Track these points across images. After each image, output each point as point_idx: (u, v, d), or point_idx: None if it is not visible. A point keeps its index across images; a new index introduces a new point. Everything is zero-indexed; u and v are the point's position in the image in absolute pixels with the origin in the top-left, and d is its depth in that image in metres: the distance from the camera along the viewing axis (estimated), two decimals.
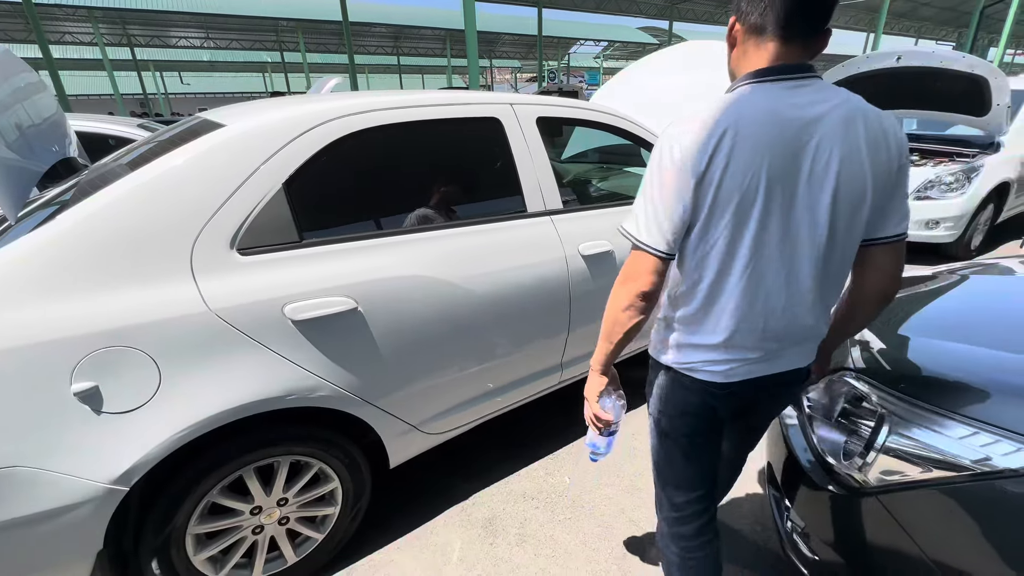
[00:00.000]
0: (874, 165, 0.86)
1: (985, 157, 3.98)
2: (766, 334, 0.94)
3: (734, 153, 0.83)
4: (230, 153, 1.27)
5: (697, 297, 0.95)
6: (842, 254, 0.91)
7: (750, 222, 0.87)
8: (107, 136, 3.45)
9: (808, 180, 0.85)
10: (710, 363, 0.98)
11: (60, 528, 1.07)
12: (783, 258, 0.89)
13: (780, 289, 0.91)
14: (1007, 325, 1.19)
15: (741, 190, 0.85)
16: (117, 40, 25.85)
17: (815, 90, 0.86)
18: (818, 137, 0.84)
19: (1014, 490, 0.79)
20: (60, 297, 1.06)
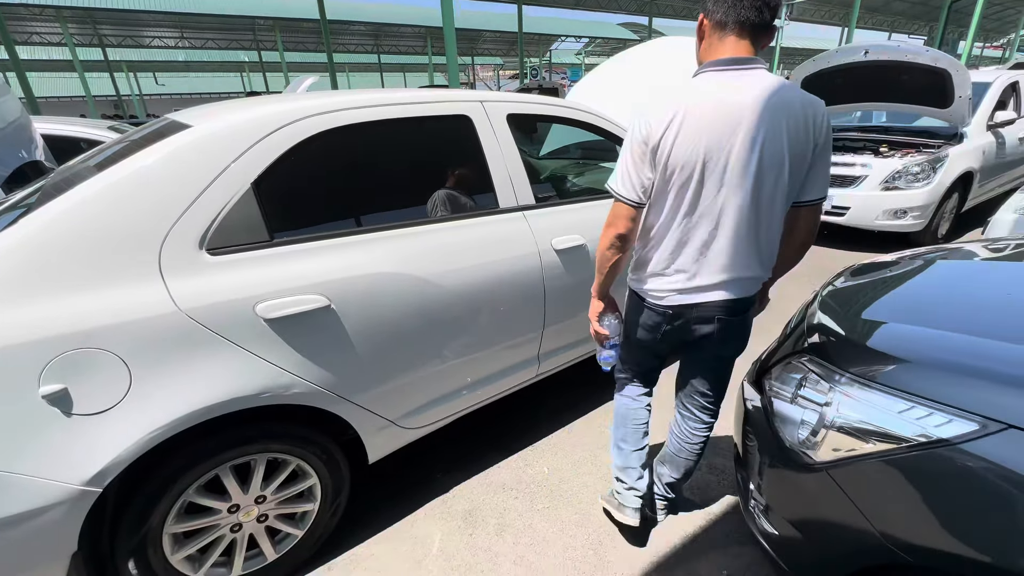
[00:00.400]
0: (793, 145, 1.10)
1: (949, 148, 4.11)
2: (697, 269, 1.22)
3: (681, 130, 1.10)
4: (197, 153, 1.27)
5: (651, 239, 1.27)
6: (766, 212, 1.16)
7: (691, 183, 1.14)
8: (79, 139, 3.39)
9: (737, 152, 1.10)
10: (656, 289, 1.30)
11: (32, 531, 1.07)
12: (714, 212, 1.16)
13: (710, 237, 1.18)
14: (957, 306, 1.25)
15: (685, 158, 1.11)
16: (88, 40, 25.18)
17: (756, 79, 1.10)
18: (748, 119, 1.08)
19: (947, 458, 0.84)
20: (27, 299, 1.06)
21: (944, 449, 0.84)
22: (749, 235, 1.17)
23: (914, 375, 0.94)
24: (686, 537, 1.63)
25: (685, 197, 1.16)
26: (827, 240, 4.72)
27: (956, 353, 0.96)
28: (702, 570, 1.52)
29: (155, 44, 28.70)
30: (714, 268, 1.21)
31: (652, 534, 1.65)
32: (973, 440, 0.82)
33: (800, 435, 1.10)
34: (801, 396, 1.15)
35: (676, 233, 1.21)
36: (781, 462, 1.15)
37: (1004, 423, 0.79)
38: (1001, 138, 4.52)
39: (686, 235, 1.20)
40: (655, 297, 1.31)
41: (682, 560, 1.55)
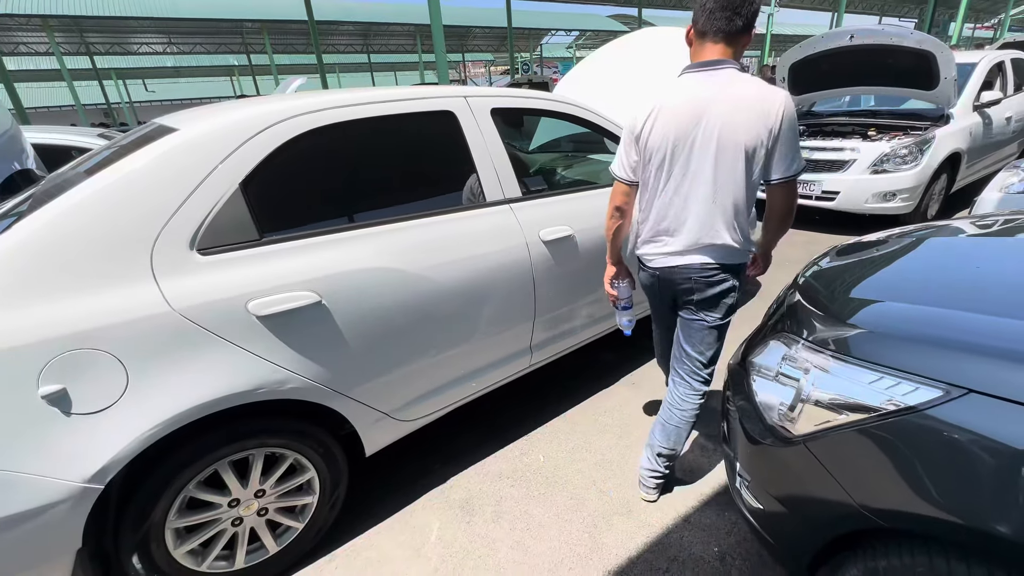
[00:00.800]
0: (747, 132, 1.29)
1: (936, 129, 4.14)
2: (673, 237, 1.46)
3: (657, 121, 1.37)
4: (185, 156, 1.30)
5: (642, 211, 1.53)
6: (726, 189, 1.36)
7: (664, 165, 1.40)
8: (69, 147, 3.40)
9: (699, 140, 1.34)
10: (647, 254, 1.55)
11: (36, 529, 1.10)
12: (683, 190, 1.40)
13: (681, 209, 1.42)
14: (929, 281, 1.28)
15: (657, 144, 1.38)
16: (75, 49, 25.01)
17: (723, 77, 1.32)
18: (710, 111, 1.31)
19: (914, 424, 0.88)
20: (23, 303, 1.08)
21: (912, 416, 0.88)
22: (712, 208, 1.39)
23: (883, 347, 0.98)
24: (678, 517, 1.67)
25: (661, 176, 1.42)
26: (818, 225, 4.75)
27: (922, 324, 0.99)
28: (694, 548, 1.56)
29: (143, 51, 28.52)
30: (688, 235, 1.44)
31: (645, 514, 1.69)
32: (937, 406, 0.85)
33: (779, 411, 1.14)
34: (780, 373, 1.18)
35: (658, 205, 1.46)
36: (763, 438, 1.18)
37: (965, 388, 0.83)
38: (988, 118, 4.55)
39: (665, 207, 1.45)
40: (647, 260, 1.57)
41: (675, 539, 1.59)
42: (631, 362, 2.63)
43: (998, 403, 0.80)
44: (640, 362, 2.62)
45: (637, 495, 1.77)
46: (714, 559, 1.52)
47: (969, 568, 0.83)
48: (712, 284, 1.48)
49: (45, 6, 19.12)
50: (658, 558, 1.53)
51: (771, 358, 1.26)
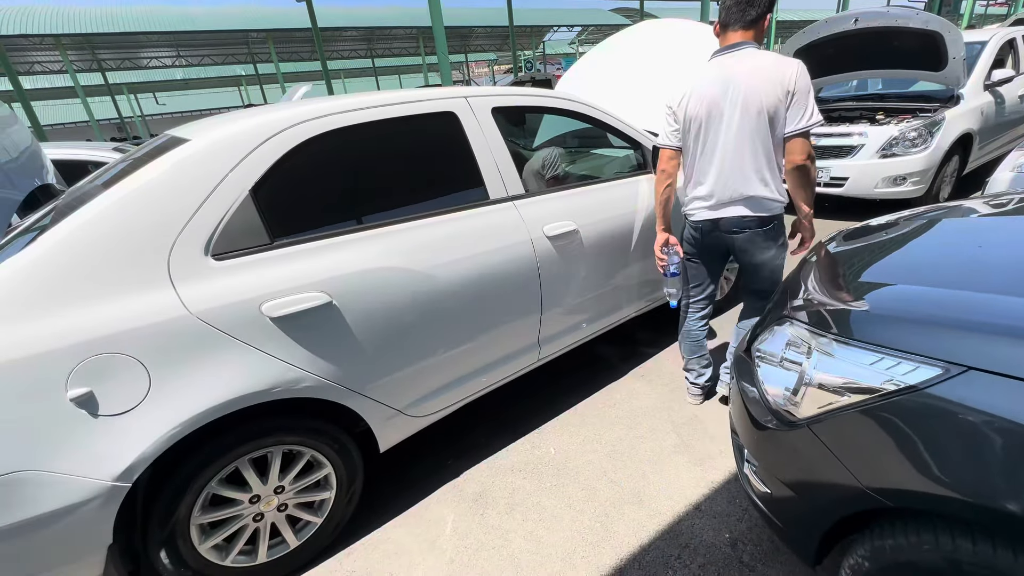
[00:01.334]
0: (767, 95, 1.58)
1: (946, 111, 4.07)
2: (712, 193, 1.75)
3: (692, 96, 1.71)
4: (197, 166, 1.35)
5: (686, 173, 1.85)
6: (752, 145, 1.64)
7: (700, 132, 1.72)
8: (86, 162, 3.50)
9: (727, 107, 1.64)
10: (692, 210, 1.85)
11: (71, 525, 1.16)
12: (717, 151, 1.70)
13: (717, 168, 1.71)
14: (931, 262, 1.28)
15: (694, 116, 1.71)
16: (88, 66, 25.56)
17: (744, 55, 1.64)
18: (735, 81, 1.62)
19: (915, 403, 0.88)
20: (50, 312, 1.14)
21: (912, 395, 0.89)
22: (742, 163, 1.67)
23: (882, 327, 0.98)
24: (689, 505, 1.68)
25: (699, 142, 1.73)
26: (828, 212, 4.70)
27: (921, 304, 1.00)
28: (706, 535, 1.57)
29: (153, 64, 29.03)
30: (724, 190, 1.72)
31: (656, 502, 1.71)
32: (937, 384, 0.86)
33: (783, 395, 1.15)
34: (784, 358, 1.20)
35: (697, 167, 1.77)
36: (769, 423, 1.19)
37: (964, 365, 0.83)
38: (1000, 97, 4.46)
39: (704, 168, 1.75)
40: (691, 214, 1.87)
41: (686, 527, 1.61)
42: (639, 355, 2.64)
43: (997, 379, 0.81)
44: (648, 355, 2.63)
45: (648, 485, 1.79)
46: (725, 545, 1.53)
47: (974, 544, 0.84)
48: (751, 233, 1.76)
49: (58, 25, 19.57)
50: (669, 545, 1.55)
51: (775, 344, 1.27)
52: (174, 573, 1.37)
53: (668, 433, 2.04)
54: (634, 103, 2.83)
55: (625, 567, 1.50)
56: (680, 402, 2.22)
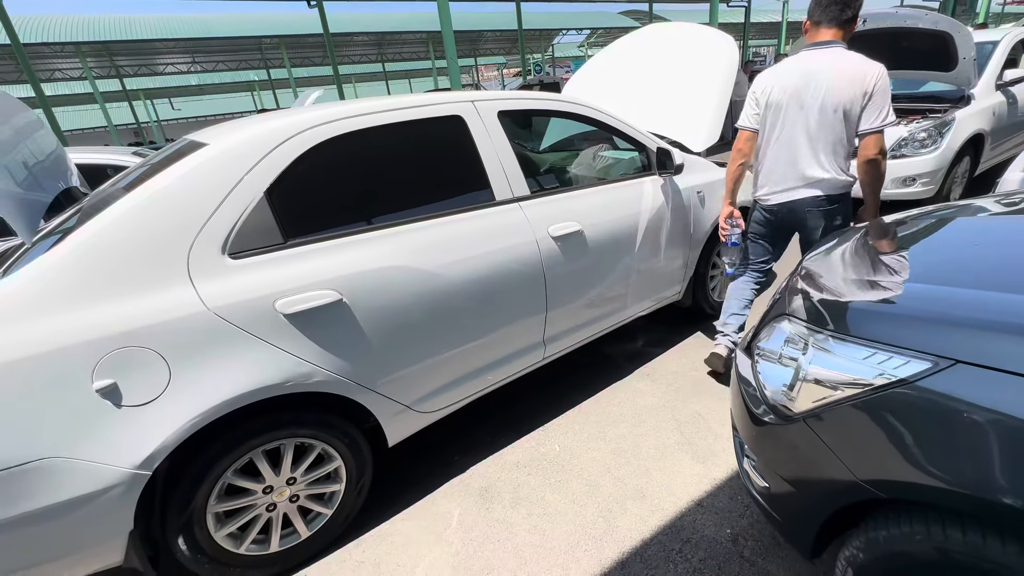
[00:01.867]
0: (846, 92, 1.76)
1: (956, 111, 4.04)
2: (784, 176, 1.96)
3: (775, 84, 1.91)
4: (214, 169, 1.41)
5: (759, 158, 2.05)
6: (826, 136, 1.84)
7: (779, 120, 1.92)
8: (105, 166, 3.61)
9: (807, 100, 1.83)
10: (764, 193, 2.07)
11: (95, 511, 1.22)
12: (794, 140, 1.90)
13: (791, 154, 1.92)
14: (927, 259, 1.30)
15: (775, 104, 1.91)
16: (106, 72, 26.16)
17: (830, 52, 1.81)
18: (818, 77, 1.80)
19: (906, 395, 0.91)
20: (75, 307, 1.20)
21: (903, 388, 0.91)
22: (814, 151, 1.87)
23: (875, 323, 1.01)
24: (691, 501, 1.71)
25: (775, 130, 1.94)
26: None
27: (912, 300, 1.02)
28: (707, 530, 1.60)
29: (169, 70, 29.64)
30: (797, 175, 1.93)
31: (658, 498, 1.73)
32: (927, 377, 0.88)
33: (780, 390, 1.17)
34: (783, 355, 1.22)
35: (771, 153, 1.98)
36: (767, 418, 1.22)
37: (952, 359, 0.86)
38: (1012, 97, 4.41)
39: (778, 153, 1.96)
40: (764, 200, 2.07)
41: (688, 522, 1.63)
42: (643, 355, 2.67)
43: (984, 372, 0.83)
44: (652, 355, 2.65)
45: (651, 481, 1.82)
46: (727, 540, 1.55)
47: (964, 534, 0.86)
48: (822, 210, 1.96)
49: (78, 33, 20.08)
50: (671, 540, 1.58)
51: (775, 341, 1.29)
52: (191, 559, 1.43)
53: (671, 431, 2.07)
54: (641, 106, 2.86)
55: (627, 560, 1.53)
56: (684, 400, 2.25)
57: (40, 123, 2.18)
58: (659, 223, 2.38)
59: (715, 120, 2.63)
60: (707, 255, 2.71)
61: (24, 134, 1.91)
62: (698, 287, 2.76)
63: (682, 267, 2.61)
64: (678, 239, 2.50)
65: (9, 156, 1.61)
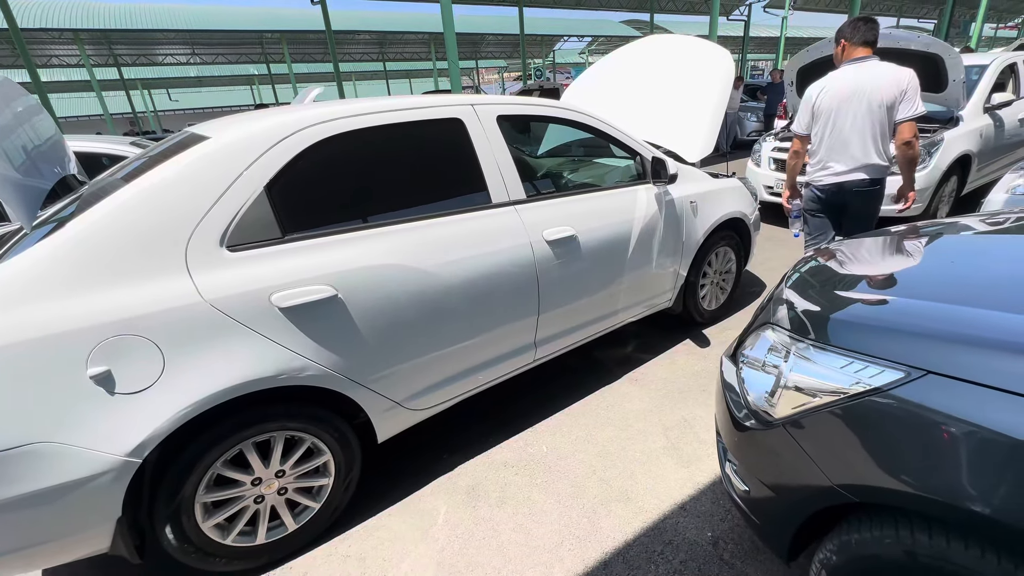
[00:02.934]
0: (888, 92, 2.27)
1: (945, 132, 4.14)
2: (838, 163, 2.45)
3: (824, 95, 2.43)
4: (215, 162, 1.43)
5: (812, 150, 2.56)
6: (873, 131, 2.34)
7: (830, 121, 2.41)
8: (101, 155, 3.60)
9: (855, 102, 2.33)
10: (818, 178, 2.55)
11: (84, 497, 1.23)
12: (844, 134, 2.39)
13: (844, 145, 2.40)
14: (907, 274, 1.35)
15: (826, 108, 2.41)
16: (104, 60, 25.95)
17: (870, 66, 2.34)
18: (862, 86, 2.30)
19: (879, 403, 0.95)
20: (73, 294, 1.21)
21: (877, 396, 0.95)
22: (862, 140, 2.38)
23: (853, 333, 1.05)
24: (674, 504, 1.74)
25: (828, 127, 2.44)
26: None
27: (888, 313, 1.06)
28: (689, 533, 1.63)
29: (168, 61, 29.44)
30: (849, 161, 2.43)
31: (642, 501, 1.76)
32: (900, 386, 0.92)
33: (762, 396, 1.21)
34: (765, 363, 1.26)
35: (826, 145, 2.48)
36: (748, 423, 1.25)
37: (924, 369, 0.90)
38: (999, 120, 4.52)
39: (833, 145, 2.45)
40: (817, 182, 2.57)
41: (670, 524, 1.66)
42: (633, 360, 2.70)
43: (954, 383, 0.87)
44: (641, 361, 2.69)
45: (636, 484, 1.85)
46: (707, 543, 1.58)
47: (930, 537, 0.89)
48: (864, 191, 2.47)
49: (77, 20, 19.92)
50: (654, 541, 1.60)
51: (758, 349, 1.33)
52: (178, 549, 1.44)
53: (658, 435, 2.10)
54: (638, 115, 2.91)
55: (610, 560, 1.55)
56: (671, 406, 2.28)
57: (39, 107, 2.19)
58: (652, 231, 2.42)
59: (710, 131, 2.69)
60: (698, 264, 2.76)
61: (24, 119, 1.92)
62: (688, 295, 2.80)
63: (673, 275, 2.65)
64: (670, 247, 2.54)
65: (9, 141, 1.61)
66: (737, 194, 2.93)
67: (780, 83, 8.78)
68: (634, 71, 3.30)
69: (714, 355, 2.70)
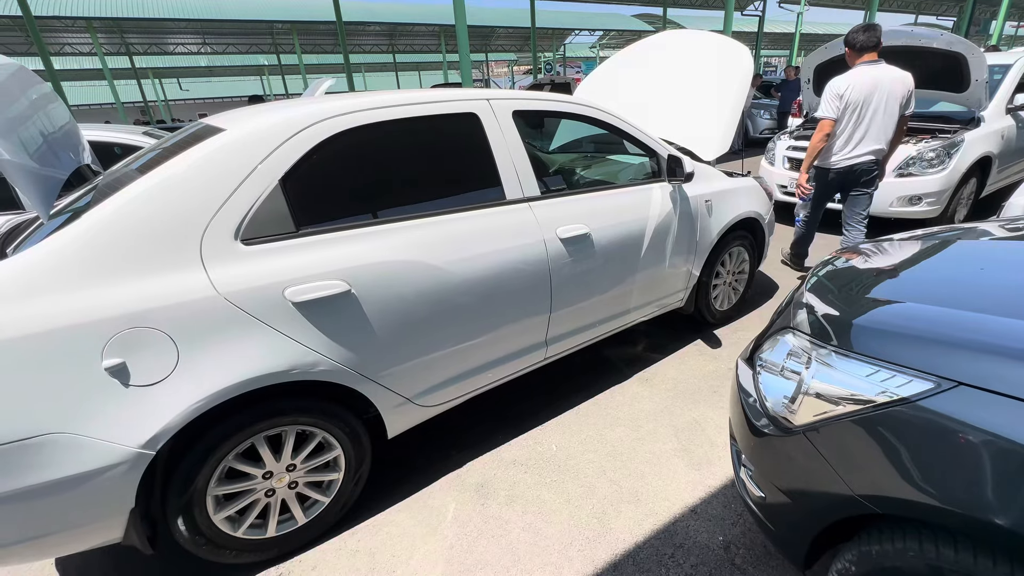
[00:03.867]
0: (900, 91, 2.86)
1: (965, 132, 4.05)
2: (857, 148, 2.99)
3: (852, 90, 2.88)
4: (231, 155, 1.42)
5: (837, 135, 3.03)
6: (885, 121, 2.91)
7: (856, 112, 2.92)
8: (113, 144, 3.60)
9: (876, 97, 2.87)
10: (835, 160, 3.09)
11: (98, 488, 1.23)
12: (864, 123, 2.94)
13: (864, 132, 2.96)
14: (933, 281, 1.31)
15: (854, 100, 2.89)
16: (116, 49, 26.05)
17: (882, 67, 2.89)
18: (880, 84, 2.84)
19: (907, 414, 0.92)
20: (88, 285, 1.21)
21: (904, 407, 0.92)
22: (879, 132, 2.93)
23: (880, 341, 1.02)
24: (685, 507, 1.72)
25: (853, 117, 2.93)
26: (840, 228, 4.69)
27: (917, 321, 1.04)
28: (700, 537, 1.61)
29: (179, 51, 29.50)
30: (865, 146, 2.97)
31: (653, 503, 1.75)
32: (929, 397, 0.89)
33: (781, 402, 1.19)
34: (785, 367, 1.23)
35: (846, 133, 2.99)
36: (766, 429, 1.23)
37: (955, 380, 0.87)
38: (1021, 121, 4.43)
39: (854, 133, 2.97)
40: (834, 164, 3.09)
41: (681, 528, 1.65)
42: (643, 360, 2.68)
43: (986, 395, 0.85)
44: (652, 360, 2.67)
45: (646, 485, 1.83)
46: (719, 547, 1.57)
47: (956, 552, 0.87)
48: (872, 170, 3.06)
49: (90, 9, 19.99)
50: (664, 544, 1.59)
51: (777, 354, 1.31)
52: (189, 540, 1.45)
53: (668, 437, 2.08)
54: (654, 112, 2.87)
55: (620, 562, 1.54)
56: (682, 407, 2.26)
57: (54, 95, 2.18)
58: (666, 230, 2.39)
59: (728, 130, 2.64)
60: (711, 264, 2.73)
61: (39, 107, 1.92)
62: (701, 295, 2.77)
63: (686, 275, 2.62)
64: (683, 247, 2.51)
65: (26, 130, 1.61)
66: (753, 194, 2.89)
67: (795, 80, 8.64)
68: (650, 67, 3.25)
69: (725, 356, 2.67)
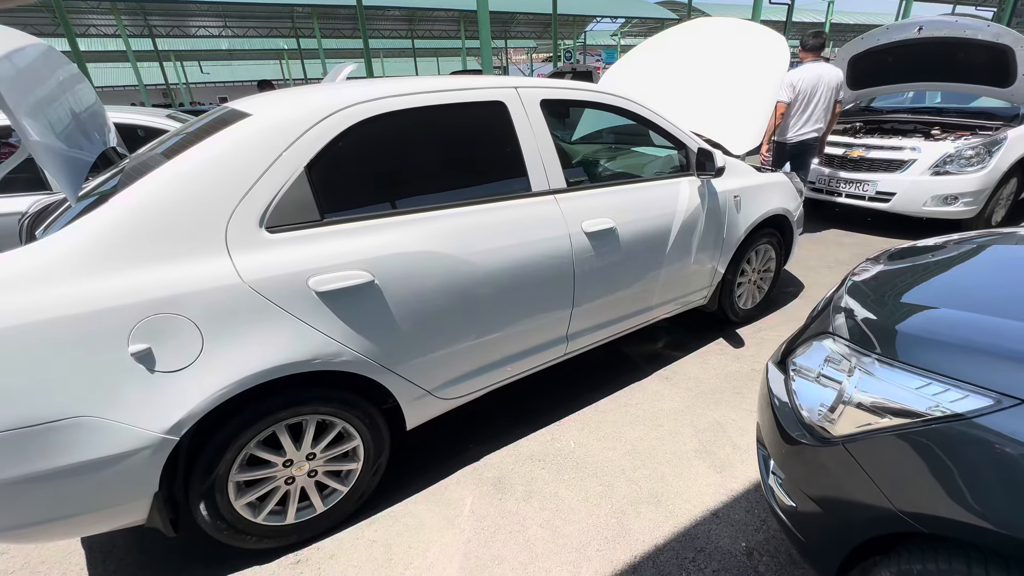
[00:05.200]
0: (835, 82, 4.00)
1: (1009, 130, 3.87)
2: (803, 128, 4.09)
3: (802, 82, 4.00)
4: (257, 141, 1.40)
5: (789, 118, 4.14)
6: (825, 105, 4.02)
7: (804, 98, 4.03)
8: (137, 126, 3.62)
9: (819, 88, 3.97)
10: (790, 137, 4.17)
11: (123, 471, 1.24)
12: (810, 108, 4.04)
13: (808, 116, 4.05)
14: (984, 289, 1.24)
15: (803, 89, 4.00)
16: (139, 31, 26.33)
17: (822, 64, 4.04)
18: (821, 77, 3.97)
19: (960, 431, 0.87)
20: (115, 271, 1.21)
21: (958, 423, 0.87)
22: (818, 113, 4.01)
23: (931, 352, 0.97)
24: (707, 511, 1.69)
25: (802, 103, 4.00)
26: (870, 228, 4.56)
27: (974, 332, 0.98)
28: (722, 541, 1.58)
29: (200, 33, 29.71)
30: (809, 126, 4.04)
31: (673, 505, 1.72)
32: (987, 415, 0.84)
33: (819, 411, 1.14)
34: (821, 374, 1.18)
35: (797, 114, 4.04)
36: (800, 437, 1.19)
37: (1017, 398, 0.82)
38: None
39: (800, 116, 4.04)
40: (790, 140, 4.13)
41: (702, 531, 1.62)
42: (664, 358, 2.63)
43: None
44: (673, 358, 2.62)
45: (666, 486, 1.80)
46: (741, 554, 1.53)
47: None
48: (814, 145, 4.16)
49: None
50: (685, 548, 1.56)
51: (813, 359, 1.26)
52: (211, 524, 1.46)
53: (689, 437, 2.04)
54: (683, 103, 2.78)
55: (639, 564, 1.52)
56: (703, 407, 2.22)
57: (80, 76, 2.18)
58: (693, 226, 2.32)
59: (761, 124, 2.55)
60: (737, 261, 2.66)
61: (67, 88, 1.91)
62: (724, 293, 2.71)
63: (711, 272, 2.55)
64: (710, 243, 2.45)
65: (55, 113, 1.61)
66: (782, 189, 2.80)
67: None
68: (680, 56, 3.15)
69: (748, 356, 2.61)
